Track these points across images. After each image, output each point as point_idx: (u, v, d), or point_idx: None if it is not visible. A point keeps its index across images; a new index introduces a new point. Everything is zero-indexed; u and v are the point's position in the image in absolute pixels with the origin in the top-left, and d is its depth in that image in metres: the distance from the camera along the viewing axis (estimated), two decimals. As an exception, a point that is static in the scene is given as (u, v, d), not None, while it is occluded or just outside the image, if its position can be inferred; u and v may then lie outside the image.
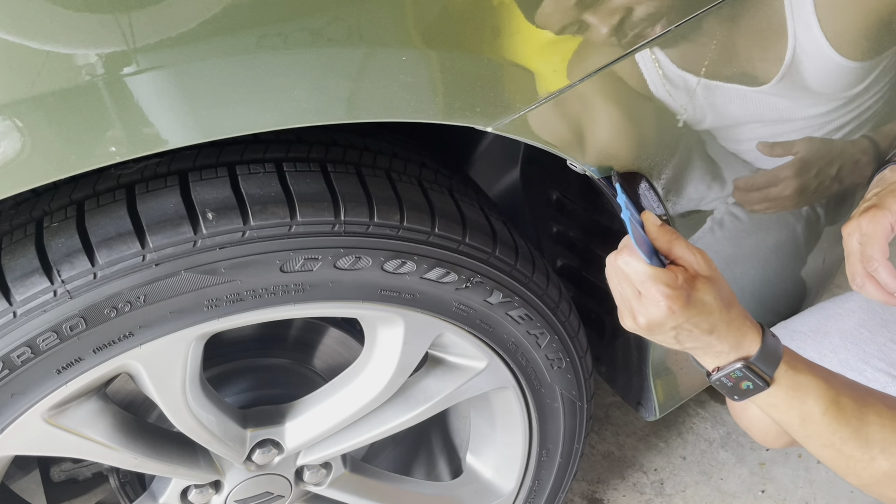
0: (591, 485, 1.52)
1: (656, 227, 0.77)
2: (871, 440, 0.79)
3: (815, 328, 1.16)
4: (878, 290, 0.94)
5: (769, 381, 0.78)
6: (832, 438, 0.80)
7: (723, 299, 0.76)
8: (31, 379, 0.72)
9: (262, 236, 0.73)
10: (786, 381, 0.79)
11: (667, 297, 0.72)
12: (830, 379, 0.81)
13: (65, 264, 0.68)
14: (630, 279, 0.74)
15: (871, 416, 0.79)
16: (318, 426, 0.94)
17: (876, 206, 0.96)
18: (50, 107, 0.56)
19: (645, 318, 0.75)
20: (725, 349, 0.78)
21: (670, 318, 0.73)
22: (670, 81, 0.83)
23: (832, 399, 0.79)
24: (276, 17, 0.60)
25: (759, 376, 0.78)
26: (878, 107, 1.04)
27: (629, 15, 0.75)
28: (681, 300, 0.72)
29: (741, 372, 0.78)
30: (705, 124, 0.90)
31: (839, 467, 0.83)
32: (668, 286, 0.72)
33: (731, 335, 0.77)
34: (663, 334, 0.76)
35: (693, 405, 1.66)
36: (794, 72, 0.91)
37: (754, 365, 0.77)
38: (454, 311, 0.88)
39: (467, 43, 0.68)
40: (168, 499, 0.94)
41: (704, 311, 0.74)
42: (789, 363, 0.79)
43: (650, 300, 0.73)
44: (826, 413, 0.79)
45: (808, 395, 0.79)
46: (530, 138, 0.77)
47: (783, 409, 0.80)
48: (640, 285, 0.74)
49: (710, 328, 0.76)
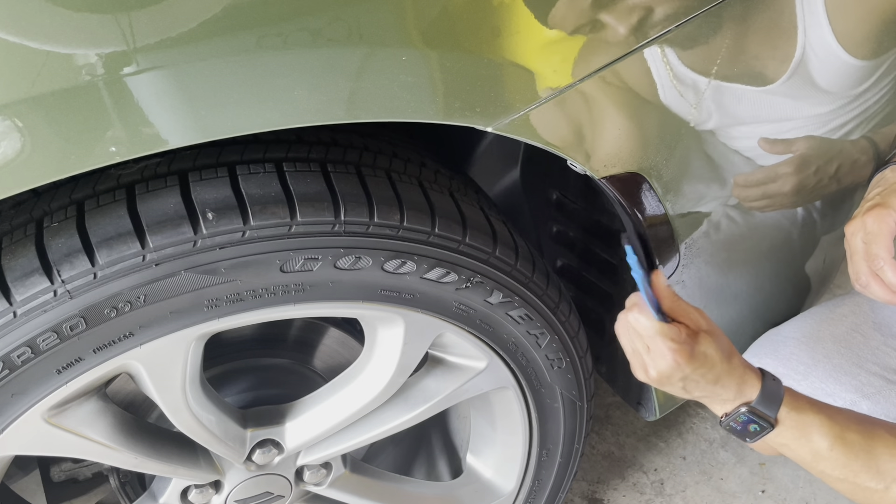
0: (592, 485, 1.52)
1: (664, 288, 0.81)
2: (883, 471, 0.83)
3: (807, 334, 1.16)
4: (883, 289, 0.94)
5: (773, 423, 0.83)
6: (844, 472, 0.84)
7: (723, 351, 0.81)
8: (31, 379, 0.72)
9: (262, 236, 0.73)
10: (790, 421, 0.83)
11: (672, 351, 0.78)
12: (835, 415, 0.85)
13: (65, 264, 0.68)
14: (640, 335, 0.80)
15: (879, 447, 0.83)
16: (318, 426, 0.94)
17: (880, 204, 0.96)
18: (50, 107, 0.56)
19: (655, 371, 0.80)
20: (730, 396, 0.83)
21: (677, 370, 0.79)
22: (679, 80, 0.83)
23: (837, 435, 0.83)
24: (276, 17, 0.60)
25: (763, 418, 0.83)
26: (879, 106, 1.04)
27: (634, 11, 0.75)
28: (685, 353, 0.78)
29: (746, 416, 0.83)
30: (710, 123, 0.90)
31: (858, 499, 0.87)
32: (673, 341, 0.78)
33: (734, 383, 0.82)
34: (672, 385, 0.82)
35: (693, 405, 1.66)
36: (802, 70, 0.91)
37: (756, 409, 0.83)
38: (454, 311, 0.88)
39: (467, 43, 0.68)
40: (168, 499, 0.94)
41: (707, 362, 0.80)
42: (791, 404, 0.84)
43: (658, 354, 0.79)
44: (833, 448, 0.83)
45: (813, 433, 0.83)
46: (530, 138, 0.77)
47: (793, 447, 0.85)
48: (648, 340, 0.79)
49: (715, 379, 0.81)
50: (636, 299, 0.81)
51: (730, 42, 0.84)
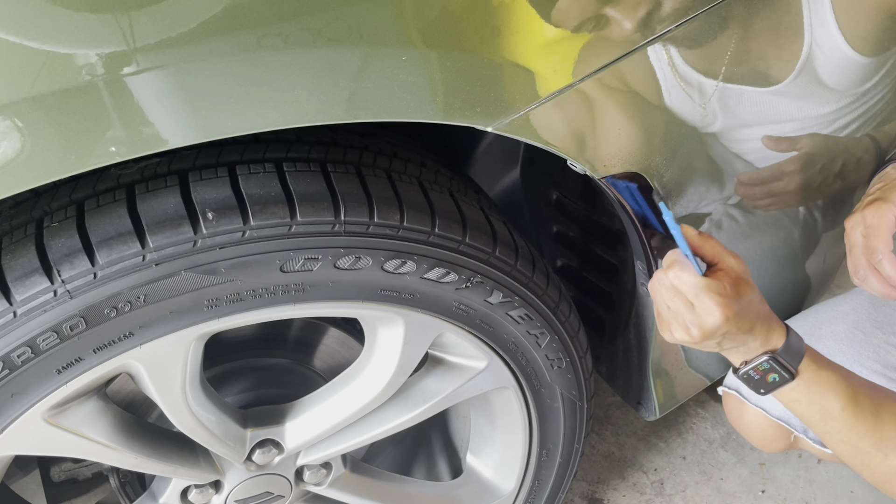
0: (592, 485, 1.52)
1: (697, 237, 0.80)
2: (886, 438, 0.83)
3: (808, 332, 1.16)
4: (881, 283, 0.94)
5: (794, 374, 0.82)
6: (849, 434, 0.83)
7: (758, 299, 0.80)
8: (31, 379, 0.72)
9: (262, 236, 0.73)
10: (808, 374, 0.82)
11: (721, 306, 0.76)
12: (850, 377, 0.84)
13: (65, 264, 0.68)
14: (682, 293, 0.77)
15: (886, 415, 0.83)
16: (318, 426, 0.94)
17: (880, 199, 0.96)
18: (50, 107, 0.56)
19: (699, 329, 0.78)
20: (756, 345, 0.82)
21: (723, 325, 0.77)
22: (683, 79, 0.83)
23: (851, 396, 0.83)
24: (276, 17, 0.60)
25: (785, 368, 0.82)
26: (884, 104, 1.04)
27: (636, 9, 0.75)
28: (733, 307, 0.76)
29: (768, 364, 0.82)
30: (716, 125, 0.90)
31: (855, 463, 0.87)
32: (721, 295, 0.76)
33: (763, 331, 0.81)
34: (713, 340, 0.79)
35: (693, 405, 1.66)
36: (809, 68, 0.91)
37: (780, 357, 0.81)
38: (454, 310, 0.88)
39: (467, 43, 0.68)
40: (168, 499, 0.94)
41: (749, 314, 0.78)
42: (812, 358, 0.83)
43: (705, 310, 0.76)
44: (845, 409, 0.82)
45: (829, 391, 0.83)
46: (530, 138, 0.77)
47: (805, 403, 0.84)
48: (693, 297, 0.77)
49: (750, 327, 0.80)
50: (676, 256, 0.78)
51: (735, 41, 0.84)
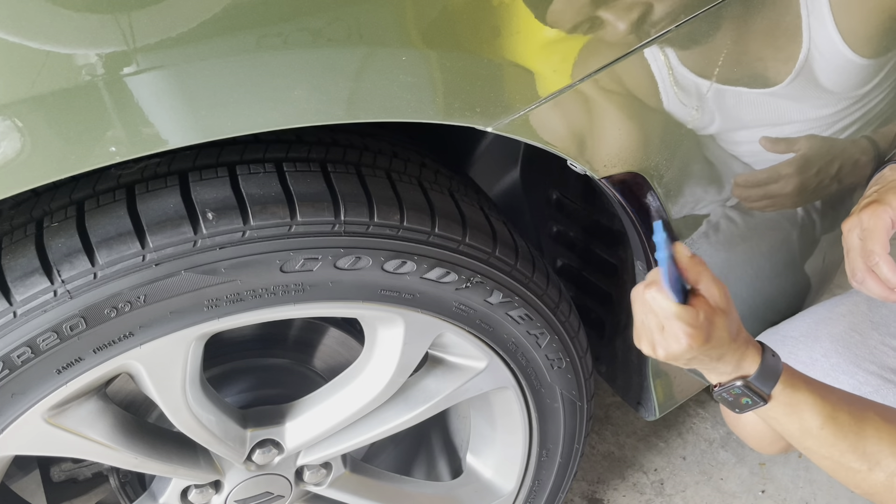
0: (591, 485, 1.52)
1: (687, 259, 0.79)
2: (868, 453, 0.83)
3: (805, 333, 1.16)
4: (879, 286, 0.94)
5: (766, 398, 0.83)
6: (830, 451, 0.84)
7: (733, 330, 0.80)
8: (31, 379, 0.72)
9: (262, 236, 0.73)
10: (783, 398, 0.83)
11: (688, 336, 0.75)
12: (828, 395, 0.84)
13: (65, 264, 0.68)
14: (655, 313, 0.77)
15: (868, 429, 0.83)
16: (318, 426, 0.94)
17: (877, 201, 0.96)
18: (50, 107, 0.56)
19: (664, 351, 0.78)
20: (728, 370, 0.82)
21: (688, 353, 0.77)
22: (680, 81, 0.82)
23: (829, 415, 0.83)
24: (276, 17, 0.60)
25: (757, 394, 0.82)
26: (882, 106, 1.04)
27: (634, 10, 0.75)
28: (700, 338, 0.76)
29: (740, 390, 0.83)
30: (713, 127, 0.90)
31: (840, 477, 0.87)
32: (690, 325, 0.75)
33: (735, 359, 0.82)
34: (678, 362, 0.80)
35: (693, 405, 1.66)
36: (807, 70, 0.91)
37: (752, 384, 0.82)
38: (454, 311, 0.88)
39: (467, 43, 0.68)
40: (168, 499, 0.94)
41: (718, 344, 0.78)
42: (787, 381, 0.83)
43: (672, 336, 0.77)
44: (823, 428, 0.83)
45: (805, 412, 0.83)
46: (530, 138, 0.77)
47: (782, 422, 0.85)
48: (664, 320, 0.77)
49: (719, 356, 0.80)
50: (656, 276, 0.77)
51: (733, 42, 0.84)
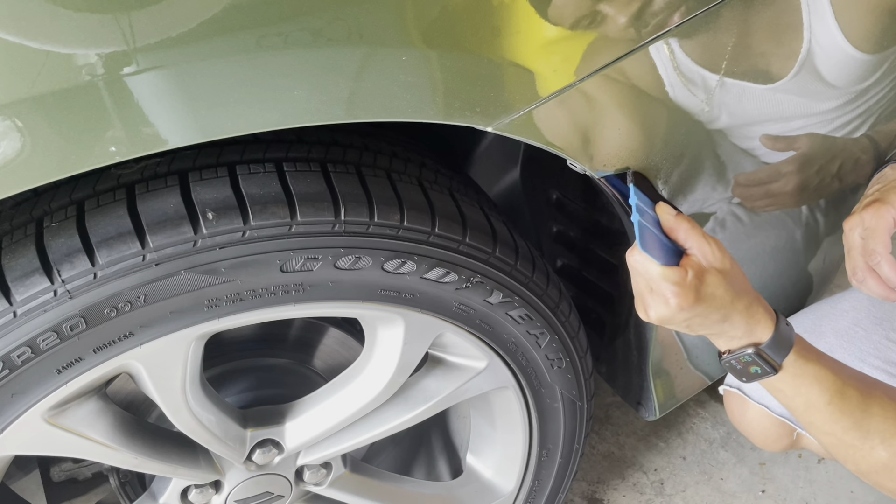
0: (591, 485, 1.52)
1: (672, 218, 0.78)
2: (872, 431, 0.82)
3: (809, 329, 1.16)
4: (879, 285, 0.94)
5: (777, 368, 0.81)
6: (834, 427, 0.82)
7: (735, 289, 0.78)
8: (31, 379, 0.72)
9: (262, 236, 0.73)
10: (794, 369, 0.81)
11: (675, 296, 0.74)
12: (839, 370, 0.83)
13: (65, 264, 0.68)
14: (642, 276, 0.77)
15: (874, 407, 0.82)
16: (318, 426, 0.94)
17: (879, 200, 0.96)
18: (50, 107, 0.56)
19: (655, 313, 0.77)
20: (738, 335, 0.80)
21: (679, 314, 0.76)
22: (686, 77, 0.82)
23: (838, 389, 0.81)
24: (276, 17, 0.60)
25: (768, 363, 0.80)
26: (884, 102, 1.04)
27: (638, 6, 0.75)
28: (689, 298, 0.75)
29: (750, 357, 0.80)
30: (720, 122, 0.90)
31: (839, 454, 0.85)
32: (676, 285, 0.74)
33: (744, 322, 0.79)
34: (675, 325, 0.79)
35: (693, 405, 1.66)
36: (809, 65, 0.91)
37: (764, 352, 0.80)
38: (454, 310, 0.88)
39: (467, 42, 0.68)
40: (168, 499, 0.94)
41: (714, 304, 0.77)
42: (800, 352, 0.81)
43: (660, 297, 0.76)
44: (830, 403, 0.81)
45: (814, 385, 0.81)
46: (531, 138, 0.77)
47: (789, 394, 0.83)
48: (651, 282, 0.76)
49: (722, 318, 0.78)
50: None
51: (736, 38, 0.84)
